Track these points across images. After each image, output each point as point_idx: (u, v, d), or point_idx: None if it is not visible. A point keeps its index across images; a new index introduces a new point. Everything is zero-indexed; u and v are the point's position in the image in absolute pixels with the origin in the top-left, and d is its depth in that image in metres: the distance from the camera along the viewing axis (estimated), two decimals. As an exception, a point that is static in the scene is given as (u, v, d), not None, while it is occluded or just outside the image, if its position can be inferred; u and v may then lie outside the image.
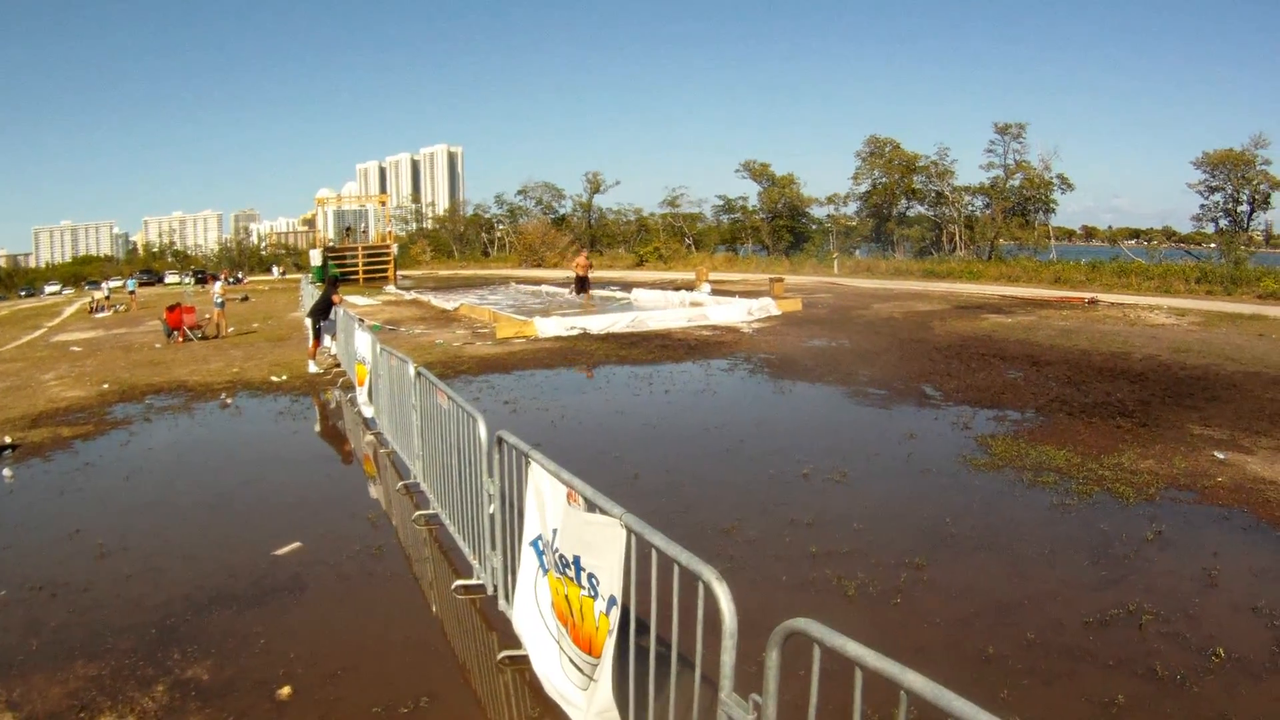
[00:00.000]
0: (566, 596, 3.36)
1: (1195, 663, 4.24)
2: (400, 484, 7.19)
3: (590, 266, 23.84)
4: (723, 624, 2.43)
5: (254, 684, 4.04)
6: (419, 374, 6.27)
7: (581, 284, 23.92)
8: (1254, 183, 42.07)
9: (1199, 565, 5.49)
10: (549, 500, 3.52)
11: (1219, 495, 6.78)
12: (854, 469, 7.42)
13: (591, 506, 3.14)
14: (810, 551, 5.55)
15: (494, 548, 4.48)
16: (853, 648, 2.04)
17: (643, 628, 3.34)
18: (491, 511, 4.43)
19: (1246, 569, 5.38)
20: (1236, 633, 4.56)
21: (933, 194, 49.30)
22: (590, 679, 3.19)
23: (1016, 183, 45.85)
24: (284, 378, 12.91)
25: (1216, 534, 6.00)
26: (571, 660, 3.35)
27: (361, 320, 11.16)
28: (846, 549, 5.60)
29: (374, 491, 7.36)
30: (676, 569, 2.68)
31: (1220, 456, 7.93)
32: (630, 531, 2.90)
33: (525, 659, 3.90)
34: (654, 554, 2.79)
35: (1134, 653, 4.35)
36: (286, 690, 3.97)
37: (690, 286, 26.47)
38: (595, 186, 60.07)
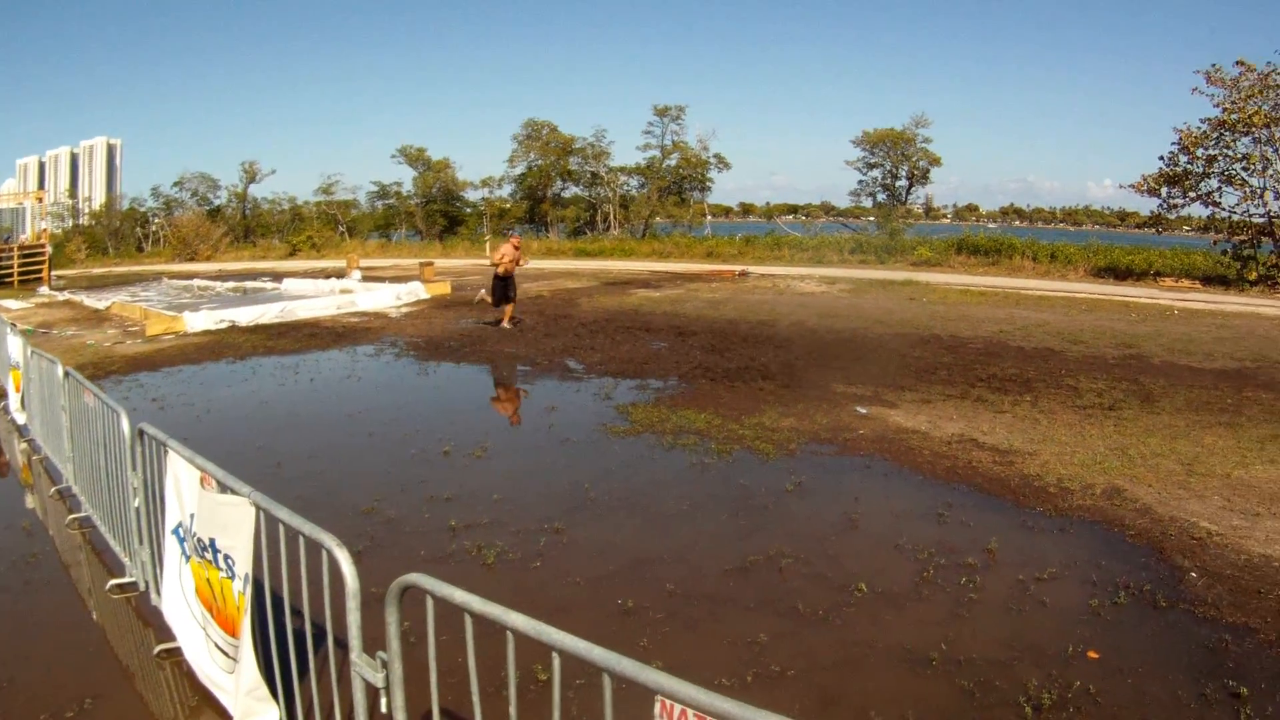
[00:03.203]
0: (209, 580, 4.69)
1: (837, 599, 6.16)
2: (53, 489, 9.28)
3: (518, 262, 20.31)
4: (345, 587, 3.60)
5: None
6: (67, 375, 8.34)
7: (505, 288, 20.27)
8: (913, 159, 63.55)
9: (840, 510, 7.91)
10: (185, 486, 4.93)
11: (860, 446, 9.96)
12: (495, 443, 10.32)
13: (224, 488, 4.44)
14: (450, 525, 7.63)
15: (142, 542, 6.16)
16: (459, 595, 3.14)
17: (281, 603, 4.37)
18: (137, 505, 6.06)
19: (887, 511, 7.97)
20: (878, 569, 6.68)
21: (589, 175, 68.32)
22: (234, 660, 4.48)
23: (673, 163, 64.88)
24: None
25: (857, 481, 8.81)
26: (218, 645, 4.70)
27: (14, 325, 14.29)
28: (486, 520, 7.73)
29: (29, 500, 9.38)
30: (303, 541, 3.89)
31: (862, 411, 11.43)
32: (259, 509, 4.17)
33: (180, 650, 5.34)
34: (281, 529, 4.01)
35: (775, 594, 6.19)
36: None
37: (341, 274, 36.61)
38: (251, 176, 78.66)
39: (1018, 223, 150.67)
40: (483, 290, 20.46)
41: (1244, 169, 36.20)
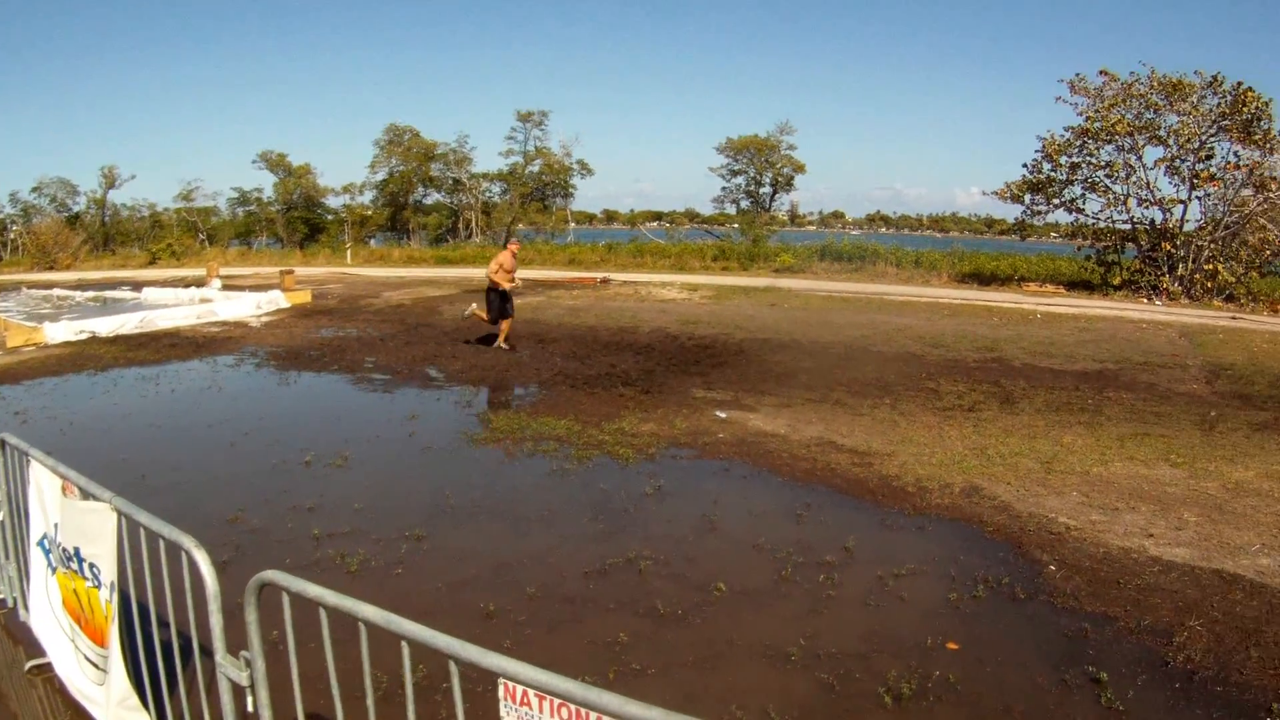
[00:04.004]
0: (75, 591, 4.83)
1: (697, 598, 6.52)
2: (-81, 518, 8.88)
3: (513, 274, 18.82)
4: (206, 589, 3.75)
5: None
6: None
7: (503, 301, 18.54)
8: (777, 166, 67.58)
9: (699, 513, 8.34)
10: (48, 496, 5.09)
11: (720, 450, 10.48)
12: (356, 452, 10.70)
13: (86, 495, 4.60)
14: (314, 534, 7.97)
15: (8, 557, 6.23)
16: (313, 589, 3.38)
17: (148, 611, 4.54)
18: (1, 519, 6.13)
19: (746, 512, 8.45)
20: (737, 568, 7.07)
21: (451, 181, 70.47)
22: (104, 672, 4.62)
23: (536, 169, 67.39)
24: None
25: (716, 484, 9.30)
26: (87, 657, 4.86)
27: None
28: (348, 528, 8.10)
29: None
30: (164, 545, 4.07)
31: (722, 415, 12.02)
32: (120, 514, 4.33)
33: (50, 665, 5.43)
34: (143, 534, 4.18)
35: (635, 595, 6.54)
36: None
37: (201, 283, 36.44)
38: (110, 181, 76.75)
39: (884, 230, 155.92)
40: (473, 305, 19.67)
41: (1106, 176, 38.13)
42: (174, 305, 28.53)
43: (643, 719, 2.53)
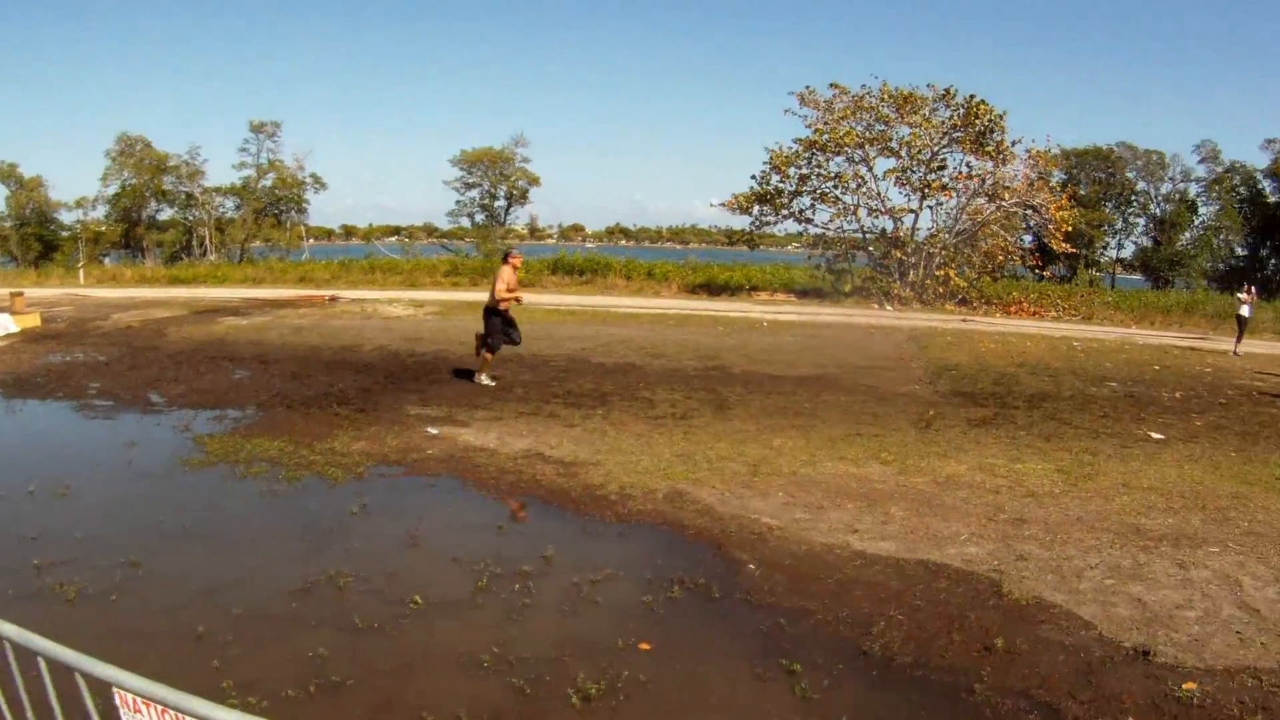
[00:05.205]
0: None
1: (395, 611, 6.77)
2: None
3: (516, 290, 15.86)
4: None
5: None
6: None
7: (509, 326, 15.46)
8: (512, 179, 70.22)
9: (402, 529, 8.55)
10: None
11: (428, 466, 10.74)
12: (77, 481, 10.56)
13: None
14: (35, 564, 7.95)
15: None
16: None
17: None
18: None
19: (447, 527, 8.76)
20: (435, 581, 7.32)
21: (184, 196, 69.11)
22: None
23: (269, 183, 67.99)
24: None
25: (422, 500, 9.59)
26: None
27: None
28: (68, 558, 8.10)
29: None
30: None
31: (433, 432, 12.27)
32: None
33: None
34: None
35: (335, 611, 6.75)
36: None
37: None
38: None
39: (624, 242, 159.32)
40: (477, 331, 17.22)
41: (836, 187, 39.99)
42: (-105, 336, 26.68)
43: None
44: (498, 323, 16.35)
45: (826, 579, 7.65)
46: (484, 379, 16.39)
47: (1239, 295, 27.49)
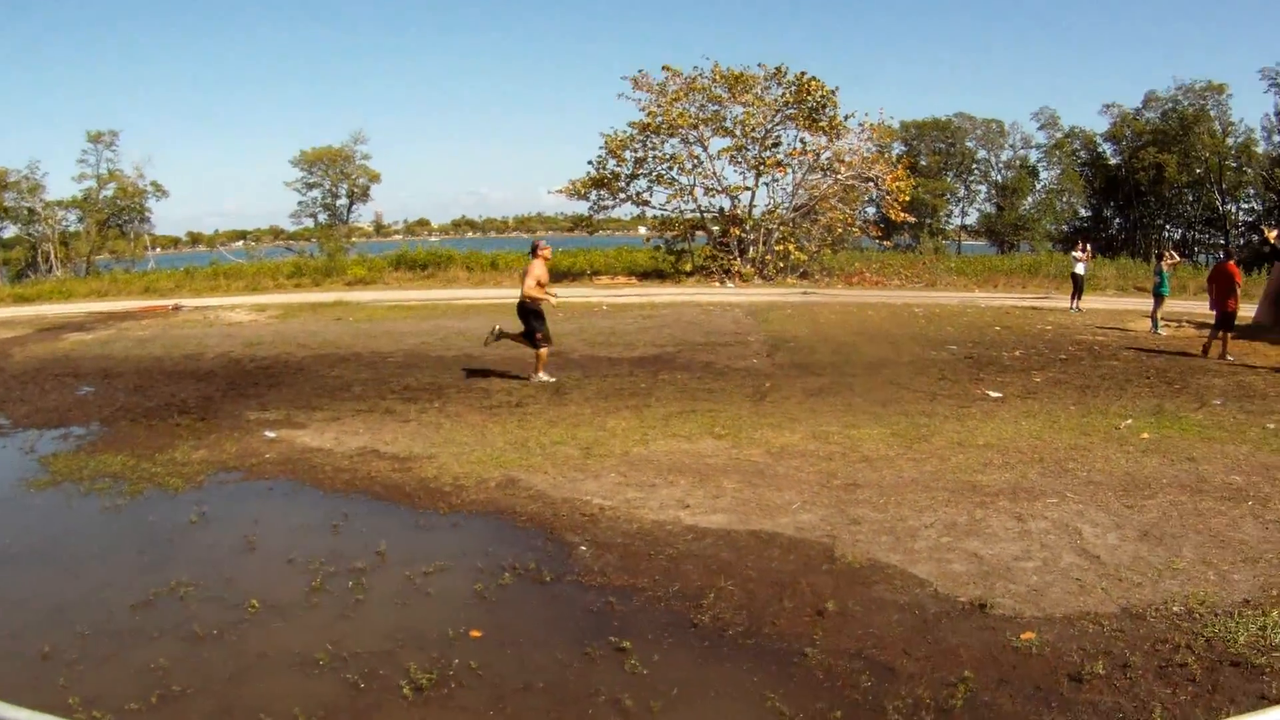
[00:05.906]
0: None
1: (233, 617, 6.93)
2: None
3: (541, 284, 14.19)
4: None
5: None
6: None
7: (542, 320, 16.53)
8: (353, 177, 71.14)
9: (239, 535, 8.69)
10: None
11: (266, 470, 10.84)
12: None
13: None
14: None
15: None
16: None
17: None
18: None
19: (284, 529, 8.90)
20: (272, 584, 7.52)
21: (26, 211, 66.19)
22: None
23: (110, 193, 66.54)
24: None
25: (259, 504, 9.71)
26: None
27: None
28: None
29: None
30: None
31: (271, 435, 12.36)
32: None
33: None
34: None
35: (175, 621, 6.89)
36: None
37: None
38: None
39: (470, 234, 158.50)
40: (496, 325, 16.97)
41: (670, 168, 40.43)
42: None
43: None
44: (531, 319, 16.01)
45: (657, 555, 8.01)
46: (542, 376, 16.03)
47: (1074, 254, 29.08)
